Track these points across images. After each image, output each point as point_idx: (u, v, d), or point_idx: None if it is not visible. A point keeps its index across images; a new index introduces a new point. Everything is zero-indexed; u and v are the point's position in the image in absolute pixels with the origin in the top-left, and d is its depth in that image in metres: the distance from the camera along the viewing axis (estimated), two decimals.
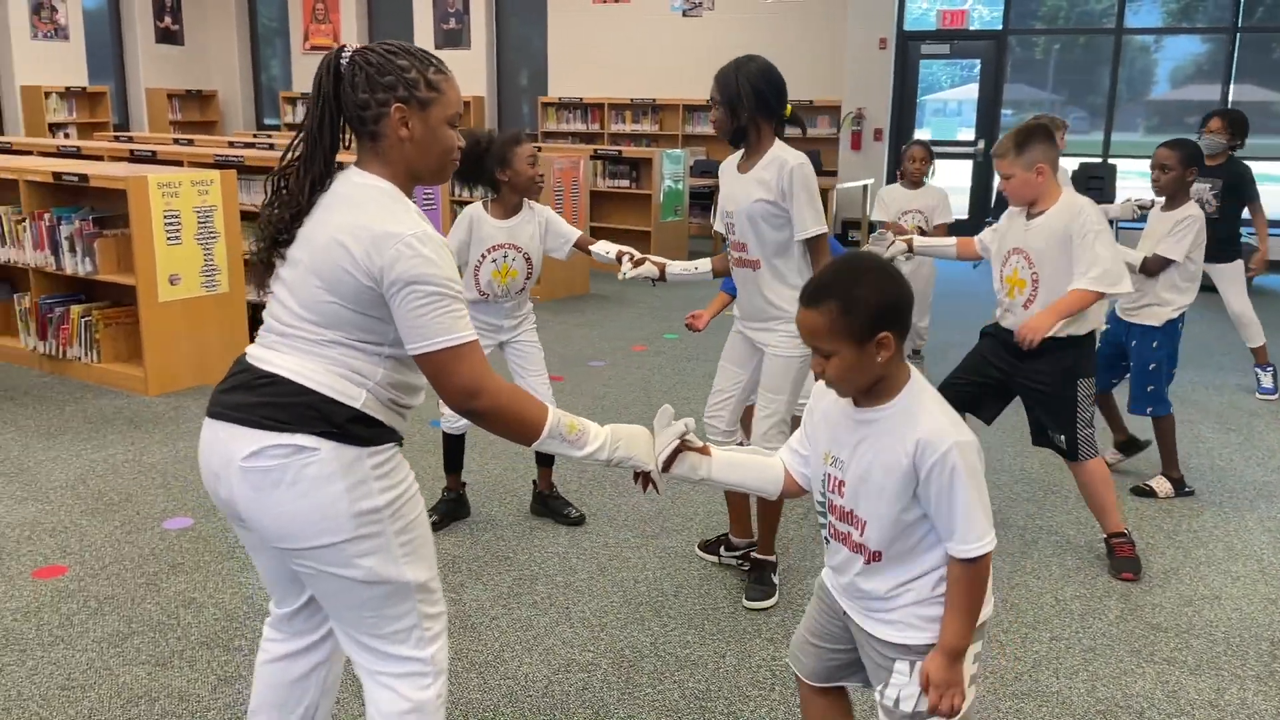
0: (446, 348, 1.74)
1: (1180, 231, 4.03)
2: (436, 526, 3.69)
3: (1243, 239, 6.02)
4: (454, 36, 13.70)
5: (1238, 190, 5.61)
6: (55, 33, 12.81)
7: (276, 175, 1.88)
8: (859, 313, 1.68)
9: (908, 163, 5.88)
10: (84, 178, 5.31)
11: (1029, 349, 3.29)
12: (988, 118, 11.35)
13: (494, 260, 3.53)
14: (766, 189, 3.08)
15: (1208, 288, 5.72)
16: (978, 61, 11.61)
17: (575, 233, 3.66)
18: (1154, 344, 4.09)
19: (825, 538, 1.89)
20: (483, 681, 2.75)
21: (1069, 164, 10.50)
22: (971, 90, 11.88)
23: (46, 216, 5.47)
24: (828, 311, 1.69)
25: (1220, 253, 5.70)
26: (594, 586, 3.30)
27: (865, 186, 11.23)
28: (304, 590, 1.98)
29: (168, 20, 14.51)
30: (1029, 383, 3.44)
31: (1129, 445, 4.49)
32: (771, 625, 3.06)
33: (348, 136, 1.88)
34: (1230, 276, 5.67)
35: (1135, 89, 11.26)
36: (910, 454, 1.70)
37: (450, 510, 3.78)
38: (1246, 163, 5.73)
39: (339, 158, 1.87)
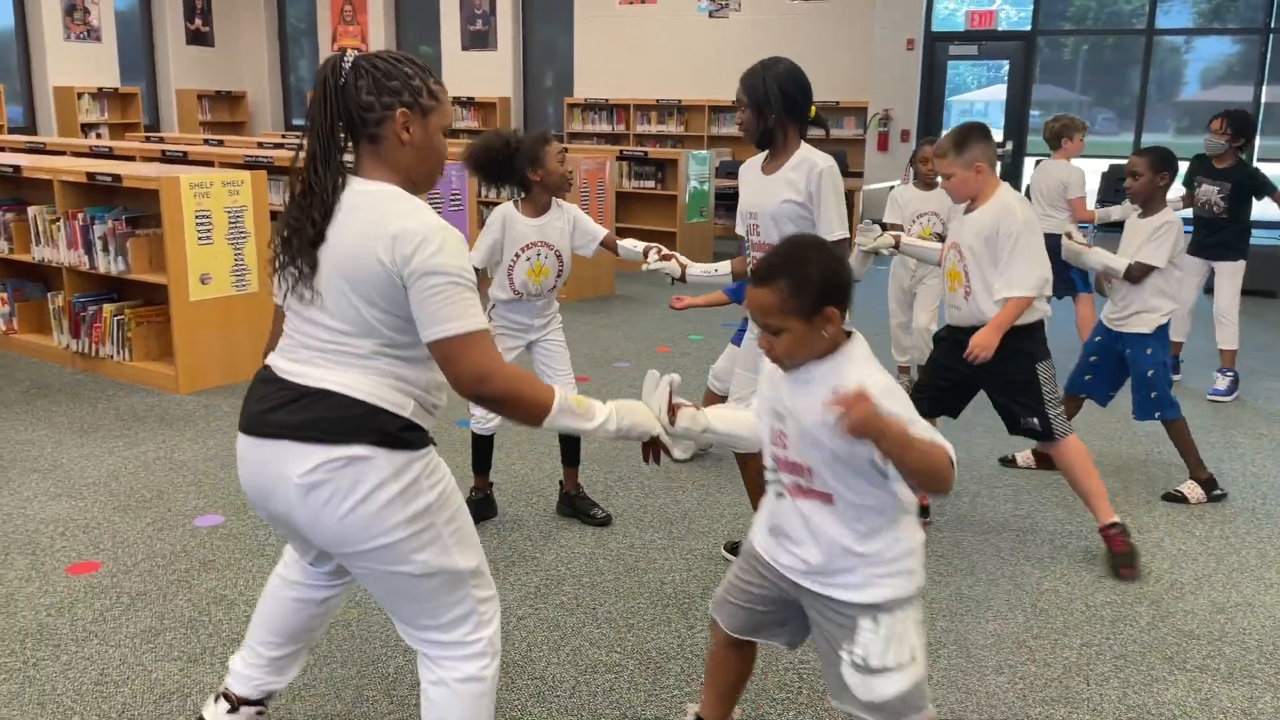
0: (460, 334, 1.80)
1: (1160, 237, 4.02)
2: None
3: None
4: (480, 38, 13.76)
5: (1249, 191, 5.62)
6: (88, 34, 12.96)
7: (300, 174, 1.91)
8: (807, 290, 1.81)
9: (919, 163, 5.80)
10: (117, 178, 5.37)
11: (980, 363, 3.42)
12: (1016, 119, 11.28)
13: (528, 259, 3.54)
14: (795, 190, 3.08)
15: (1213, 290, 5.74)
16: (1005, 62, 11.54)
17: (602, 231, 3.69)
18: (1148, 350, 4.08)
19: (778, 494, 1.98)
20: (510, 681, 2.76)
21: (1098, 165, 10.47)
22: (998, 91, 11.81)
23: (80, 216, 5.54)
24: (778, 290, 1.82)
25: (1225, 252, 5.70)
26: (621, 587, 3.30)
27: (891, 188, 11.18)
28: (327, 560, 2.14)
29: (198, 22, 14.65)
30: (990, 375, 3.53)
31: (1046, 459, 4.39)
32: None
33: (345, 139, 1.92)
34: (1228, 274, 5.70)
35: (1165, 90, 11.17)
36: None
37: (478, 510, 3.79)
38: (1258, 165, 5.74)
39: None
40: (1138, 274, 4.04)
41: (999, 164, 3.53)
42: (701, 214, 9.81)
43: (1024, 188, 8.27)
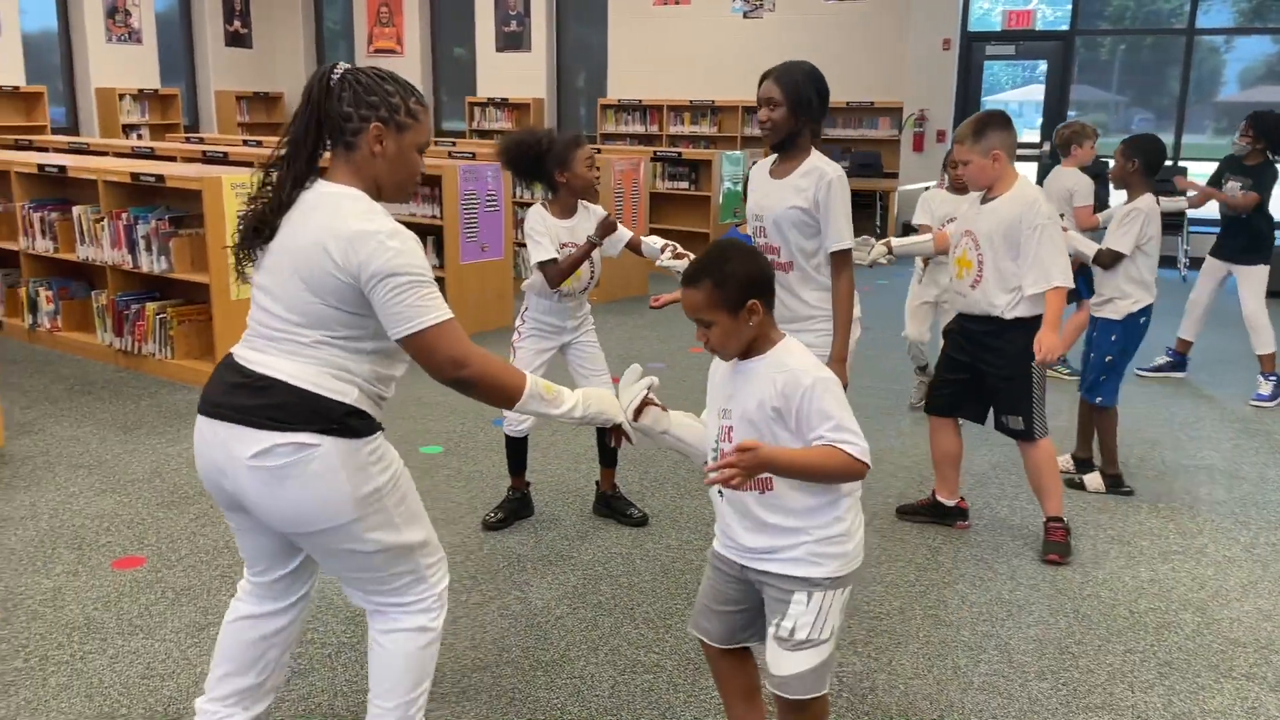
0: (428, 327, 1.92)
1: (1127, 223, 4.07)
2: (501, 525, 3.73)
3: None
4: (515, 39, 13.82)
5: (1267, 190, 5.61)
6: (129, 36, 13.14)
7: (264, 169, 2.04)
8: (730, 286, 1.96)
9: (951, 167, 5.72)
10: (161, 178, 5.44)
11: (986, 355, 3.51)
12: (1053, 119, 11.17)
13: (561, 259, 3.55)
14: (802, 197, 3.11)
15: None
16: (1042, 62, 11.43)
17: (628, 233, 3.71)
18: (1111, 337, 4.13)
19: (718, 492, 2.07)
20: (549, 680, 2.77)
21: None
22: (1034, 91, 11.70)
23: (124, 216, 5.62)
24: (705, 288, 1.98)
25: (1245, 253, 5.64)
26: (658, 588, 3.31)
27: (927, 189, 11.11)
28: (289, 563, 2.19)
29: (237, 24, 14.82)
30: (990, 369, 3.56)
31: (1085, 464, 4.41)
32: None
33: (322, 144, 2.03)
34: (1250, 279, 5.67)
35: (1203, 90, 11.01)
36: (779, 388, 1.97)
37: (515, 509, 3.81)
38: None
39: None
40: (1107, 260, 4.11)
41: (1038, 158, 3.52)
42: (735, 215, 9.79)
43: None
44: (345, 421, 1.96)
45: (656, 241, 3.68)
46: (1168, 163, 10.21)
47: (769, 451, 1.89)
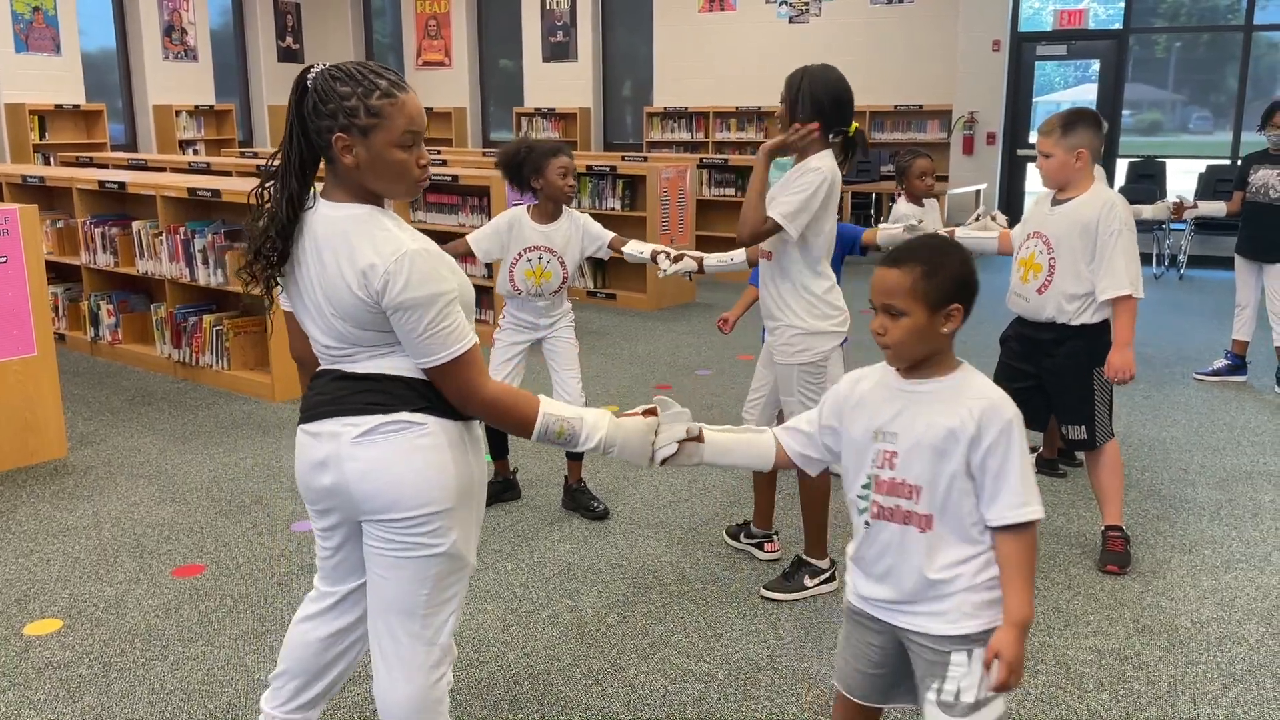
0: (444, 363, 1.86)
1: None
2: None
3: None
4: (561, 49, 13.90)
5: None
6: (185, 54, 13.43)
7: (259, 189, 1.95)
8: (941, 278, 1.77)
9: (911, 178, 4.96)
10: (216, 193, 5.55)
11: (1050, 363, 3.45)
12: (1107, 119, 10.99)
13: (528, 260, 3.77)
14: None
15: None
16: (1094, 61, 11.25)
17: (608, 235, 3.89)
18: None
19: (865, 522, 1.87)
20: (601, 689, 2.77)
21: (1194, 166, 10.14)
22: (1087, 90, 11.51)
23: (181, 230, 5.74)
24: (910, 271, 1.78)
25: (1275, 249, 5.53)
26: (708, 596, 3.30)
27: (978, 192, 10.98)
28: (354, 577, 2.10)
29: (289, 40, 15.08)
30: (1053, 376, 3.49)
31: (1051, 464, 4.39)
32: None
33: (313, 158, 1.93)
34: (1277, 275, 5.57)
35: (1261, 88, 10.75)
36: (975, 417, 1.76)
37: (497, 493, 4.00)
38: None
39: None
40: None
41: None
42: None
43: (1115, 188, 8.05)
44: (442, 404, 1.90)
45: (643, 248, 3.82)
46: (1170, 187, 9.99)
47: (1013, 635, 1.73)
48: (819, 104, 3.11)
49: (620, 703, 2.71)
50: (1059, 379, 3.48)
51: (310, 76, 1.86)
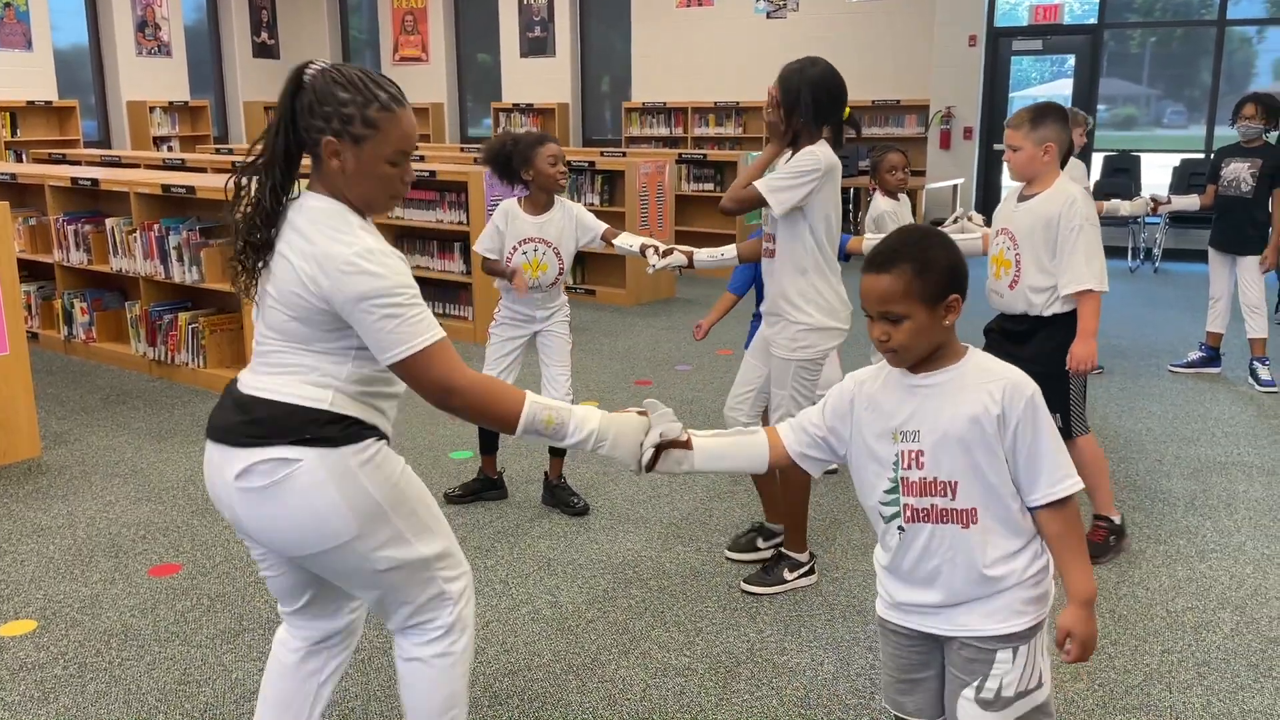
0: (413, 354, 1.78)
1: None
2: (459, 500, 3.98)
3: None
4: (539, 45, 13.86)
5: (1275, 175, 5.54)
6: (159, 49, 13.31)
7: (236, 176, 1.92)
8: (933, 273, 1.71)
9: (884, 172, 4.82)
10: (191, 190, 5.50)
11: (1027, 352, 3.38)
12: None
13: (524, 253, 3.74)
14: None
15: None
16: (1070, 56, 11.32)
17: (601, 226, 3.86)
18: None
19: (898, 528, 1.79)
20: (581, 684, 2.77)
21: (1169, 160, 10.22)
22: (1063, 85, 11.58)
23: (156, 227, 5.69)
24: (902, 274, 1.70)
25: (1245, 245, 5.59)
26: (688, 590, 3.30)
27: (955, 186, 11.03)
28: (306, 592, 2.06)
29: (264, 35, 14.96)
30: (1029, 365, 3.45)
31: None
32: (869, 634, 3.03)
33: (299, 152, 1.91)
34: (1249, 268, 5.65)
35: (1235, 82, 10.85)
36: (998, 398, 1.72)
37: (475, 489, 4.03)
38: None
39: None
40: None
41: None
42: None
43: (1091, 182, 8.10)
44: (324, 431, 1.82)
45: (633, 241, 3.78)
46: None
47: (1084, 613, 1.71)
48: (819, 104, 3.12)
49: (600, 698, 2.71)
50: (1033, 367, 3.49)
51: (309, 74, 1.83)
